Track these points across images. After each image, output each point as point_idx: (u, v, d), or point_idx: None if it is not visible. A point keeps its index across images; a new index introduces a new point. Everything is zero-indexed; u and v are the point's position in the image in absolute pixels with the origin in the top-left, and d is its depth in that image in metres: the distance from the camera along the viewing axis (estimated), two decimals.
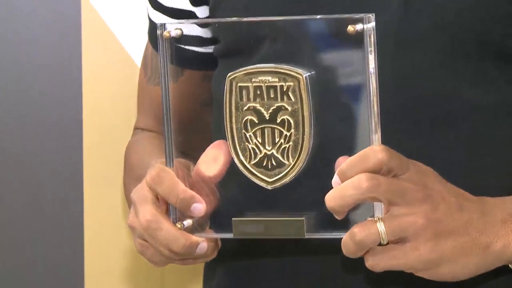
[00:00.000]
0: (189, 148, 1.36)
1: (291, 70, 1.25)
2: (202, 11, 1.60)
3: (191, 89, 1.60)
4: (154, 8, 1.67)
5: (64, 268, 2.38)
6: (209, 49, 1.60)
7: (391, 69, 1.34)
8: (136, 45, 2.05)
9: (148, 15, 1.70)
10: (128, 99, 1.90)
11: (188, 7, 1.61)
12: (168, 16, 1.64)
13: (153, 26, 1.68)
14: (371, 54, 1.21)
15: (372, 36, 1.21)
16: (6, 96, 2.47)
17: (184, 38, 1.42)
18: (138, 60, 2.08)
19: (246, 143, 1.28)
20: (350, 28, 1.20)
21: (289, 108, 1.25)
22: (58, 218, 2.41)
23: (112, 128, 1.86)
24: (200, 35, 1.60)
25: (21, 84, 2.48)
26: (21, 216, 2.49)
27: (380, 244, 1.21)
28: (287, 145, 1.26)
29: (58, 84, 2.44)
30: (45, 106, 2.48)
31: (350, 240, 1.21)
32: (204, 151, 1.33)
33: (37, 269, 2.42)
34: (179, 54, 1.42)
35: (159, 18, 1.65)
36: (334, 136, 1.27)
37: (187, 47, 1.58)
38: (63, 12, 2.37)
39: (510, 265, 1.30)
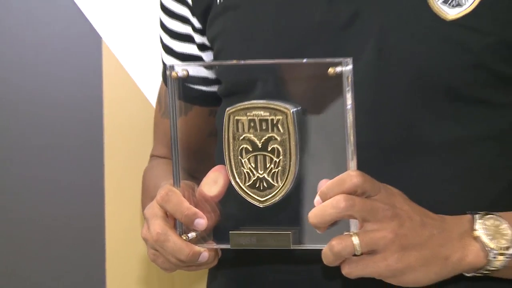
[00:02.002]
0: (194, 171, 1.37)
1: (280, 106, 1.26)
2: (207, 56, 1.62)
3: (198, 122, 1.60)
4: (167, 53, 1.68)
5: (87, 279, 2.31)
6: (213, 88, 1.60)
7: (367, 106, 1.33)
8: (150, 86, 2.05)
9: (162, 59, 1.71)
10: (143, 132, 1.91)
11: (196, 52, 1.63)
12: (179, 60, 1.65)
13: (164, 69, 1.70)
14: (348, 93, 1.23)
15: (350, 77, 1.23)
16: (30, 133, 2.35)
17: (192, 79, 1.47)
18: (152, 98, 2.12)
19: (242, 168, 1.29)
20: (330, 70, 1.22)
21: (279, 138, 1.27)
22: (80, 231, 2.32)
23: (131, 154, 1.86)
24: (206, 76, 1.59)
25: (48, 117, 2.36)
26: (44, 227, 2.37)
27: (354, 255, 1.23)
28: (277, 170, 1.27)
29: (80, 118, 2.33)
30: (68, 136, 2.35)
31: (329, 251, 1.22)
32: (206, 174, 1.34)
33: (62, 272, 2.32)
34: (188, 92, 1.46)
35: (171, 61, 1.64)
36: (317, 162, 1.28)
37: (195, 86, 1.59)
38: (86, 56, 2.28)
39: (465, 274, 1.31)
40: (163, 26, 1.68)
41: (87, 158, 2.31)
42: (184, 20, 1.62)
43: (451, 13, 1.38)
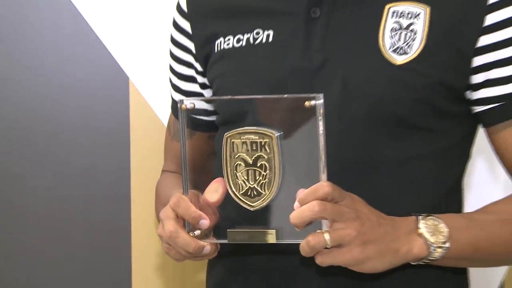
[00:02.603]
0: (197, 182, 1.36)
1: (267, 131, 1.27)
2: (207, 93, 1.61)
3: (200, 144, 1.58)
4: (175, 91, 1.67)
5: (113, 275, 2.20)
6: (212, 118, 1.58)
7: (333, 132, 1.31)
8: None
9: (171, 95, 1.70)
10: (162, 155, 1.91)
11: (198, 90, 1.62)
12: (185, 96, 1.65)
13: (174, 102, 1.69)
14: (320, 121, 1.24)
15: (321, 109, 1.23)
16: (61, 167, 2.22)
17: (196, 111, 1.43)
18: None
19: (237, 180, 1.30)
20: (307, 103, 1.23)
21: (266, 157, 1.28)
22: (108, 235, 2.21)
23: (155, 171, 1.85)
24: (207, 108, 1.58)
25: (83, 144, 2.24)
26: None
27: (326, 248, 1.24)
28: (264, 181, 1.28)
29: (108, 148, 2.22)
30: (98, 161, 2.24)
31: (306, 245, 1.23)
32: (208, 185, 1.34)
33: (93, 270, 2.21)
34: (193, 121, 1.42)
35: (179, 98, 1.63)
36: (296, 175, 1.28)
37: (198, 116, 1.57)
38: (115, 94, 2.18)
39: (411, 262, 1.32)
40: (172, 70, 1.66)
41: (114, 180, 2.21)
42: (189, 65, 1.61)
43: (399, 59, 1.39)
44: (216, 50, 1.52)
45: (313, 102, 1.24)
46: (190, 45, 1.59)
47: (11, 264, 2.20)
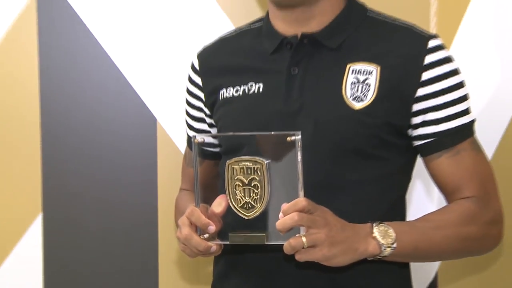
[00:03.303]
0: (205, 198, 1.35)
1: (258, 159, 1.28)
2: (214, 130, 1.58)
3: (208, 169, 1.54)
4: (189, 129, 1.65)
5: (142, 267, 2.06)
6: (217, 149, 1.56)
7: (307, 160, 1.27)
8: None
9: (187, 132, 1.67)
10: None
11: (207, 128, 1.60)
12: (197, 132, 1.61)
13: (189, 138, 1.66)
14: (299, 152, 1.24)
15: (299, 142, 1.24)
16: (102, 200, 2.05)
17: (205, 144, 1.49)
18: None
19: (236, 196, 1.30)
20: (288, 138, 1.24)
21: (258, 178, 1.28)
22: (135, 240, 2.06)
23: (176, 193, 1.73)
24: (213, 142, 1.57)
25: (114, 176, 2.06)
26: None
27: (303, 248, 1.25)
28: (256, 197, 1.28)
29: (135, 182, 2.04)
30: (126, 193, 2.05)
31: (288, 246, 1.24)
32: (214, 200, 1.32)
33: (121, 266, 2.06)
34: (203, 152, 1.44)
35: (192, 134, 1.60)
36: (280, 193, 1.27)
37: (206, 148, 1.56)
38: (143, 133, 2.02)
39: (368, 258, 1.32)
40: (187, 113, 1.63)
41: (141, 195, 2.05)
42: (200, 109, 1.59)
43: (357, 106, 1.39)
44: (220, 98, 1.51)
45: (293, 138, 1.24)
46: (201, 95, 1.57)
47: (74, 254, 2.07)
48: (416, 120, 1.43)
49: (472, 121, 1.45)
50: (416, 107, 1.41)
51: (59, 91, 2.01)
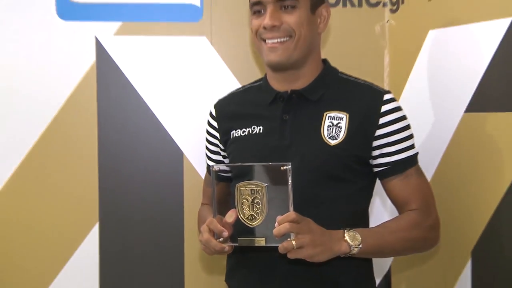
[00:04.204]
0: (221, 211, 1.32)
1: (259, 183, 1.27)
2: (227, 161, 1.55)
3: (222, 189, 1.51)
4: (208, 159, 1.61)
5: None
6: (229, 175, 1.52)
7: (295, 182, 1.23)
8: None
9: (206, 162, 1.62)
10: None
11: (221, 159, 1.57)
12: (214, 162, 1.58)
13: (208, 166, 1.62)
14: (289, 177, 1.23)
15: (290, 170, 1.23)
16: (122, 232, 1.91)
17: (220, 171, 1.49)
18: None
19: (243, 210, 1.29)
20: (281, 167, 1.23)
21: (259, 197, 1.27)
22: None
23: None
24: (226, 169, 1.53)
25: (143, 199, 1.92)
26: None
27: (293, 249, 1.23)
28: (258, 211, 1.27)
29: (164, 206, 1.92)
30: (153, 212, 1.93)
31: (282, 247, 1.23)
32: (227, 213, 1.30)
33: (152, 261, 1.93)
34: (218, 177, 1.47)
35: (211, 163, 1.59)
36: (276, 208, 1.25)
37: (221, 174, 1.53)
38: (171, 166, 1.89)
39: (341, 256, 1.30)
40: (207, 148, 1.60)
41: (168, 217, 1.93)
42: (216, 145, 1.57)
43: (332, 143, 1.38)
44: (231, 137, 1.49)
45: (285, 167, 1.23)
46: (217, 134, 1.55)
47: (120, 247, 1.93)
48: (375, 153, 1.42)
49: (416, 154, 1.45)
50: (375, 143, 1.41)
51: (114, 141, 1.89)
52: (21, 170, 1.84)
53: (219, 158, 1.60)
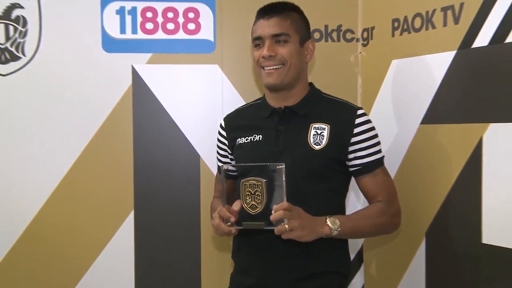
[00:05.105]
0: (229, 201, 1.30)
1: (259, 179, 1.25)
2: (233, 162, 1.51)
3: (230, 185, 1.41)
4: (219, 161, 1.57)
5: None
6: (235, 173, 1.47)
7: (288, 180, 1.23)
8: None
9: (217, 163, 1.59)
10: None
11: (229, 161, 1.54)
12: (223, 163, 1.54)
13: (219, 167, 1.58)
14: (283, 175, 1.21)
15: (284, 169, 1.22)
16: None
17: (229, 170, 1.45)
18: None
19: (246, 200, 1.27)
20: (277, 167, 1.22)
21: (259, 190, 1.26)
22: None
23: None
24: (233, 169, 1.48)
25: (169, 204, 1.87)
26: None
27: (286, 231, 1.23)
28: (258, 201, 1.26)
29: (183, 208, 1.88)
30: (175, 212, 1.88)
31: (277, 230, 1.22)
32: (233, 203, 1.28)
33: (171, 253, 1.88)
34: (227, 175, 1.40)
35: (221, 164, 1.55)
36: (273, 199, 1.24)
37: (229, 173, 1.48)
38: (188, 167, 1.84)
39: (324, 237, 1.29)
40: (217, 152, 1.57)
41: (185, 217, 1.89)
42: (225, 150, 1.53)
43: (317, 148, 1.37)
44: (237, 144, 1.47)
45: (280, 167, 1.22)
46: (226, 142, 1.52)
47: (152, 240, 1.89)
48: (351, 156, 1.41)
49: (382, 157, 1.44)
50: (351, 148, 1.40)
51: (146, 145, 1.86)
52: (75, 168, 1.83)
53: (227, 160, 1.58)
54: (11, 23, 1.70)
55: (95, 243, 1.85)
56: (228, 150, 1.55)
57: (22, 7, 1.69)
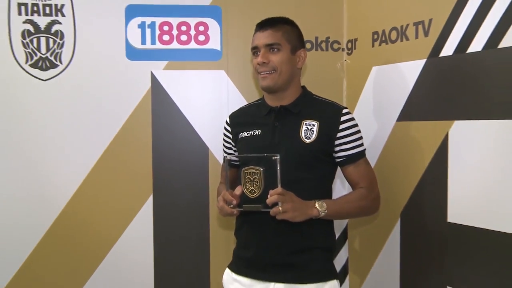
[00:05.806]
0: (232, 187, 1.30)
1: (258, 167, 1.24)
2: (236, 153, 1.45)
3: (232, 173, 1.45)
4: (224, 153, 1.51)
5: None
6: (237, 163, 1.45)
7: (282, 168, 1.20)
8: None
9: (223, 154, 1.53)
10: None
11: (232, 152, 1.48)
12: (228, 154, 1.49)
13: (224, 157, 1.40)
14: (278, 164, 1.19)
15: (279, 159, 1.19)
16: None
17: (232, 160, 1.42)
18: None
19: (246, 186, 1.26)
20: (273, 157, 1.19)
21: (257, 178, 1.24)
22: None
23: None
24: (235, 159, 1.46)
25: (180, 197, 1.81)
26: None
27: (280, 212, 1.21)
28: (257, 187, 1.24)
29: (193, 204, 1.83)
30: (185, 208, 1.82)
31: (273, 212, 1.21)
32: (235, 188, 1.27)
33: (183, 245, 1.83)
34: (230, 164, 1.41)
35: (225, 154, 1.50)
36: (269, 185, 1.23)
37: (232, 162, 1.46)
38: (198, 160, 1.79)
39: (313, 218, 1.27)
40: (223, 145, 1.52)
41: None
42: (229, 143, 1.49)
43: (307, 141, 1.31)
44: (239, 138, 1.44)
45: (275, 157, 1.20)
46: (230, 136, 1.48)
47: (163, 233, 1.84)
48: (337, 148, 1.38)
49: (364, 149, 1.40)
50: (337, 142, 1.37)
51: (162, 137, 1.82)
52: (105, 156, 1.80)
53: (232, 151, 1.53)
54: (51, 36, 1.76)
55: (121, 220, 1.85)
56: (232, 143, 1.51)
57: (60, 23, 1.76)
